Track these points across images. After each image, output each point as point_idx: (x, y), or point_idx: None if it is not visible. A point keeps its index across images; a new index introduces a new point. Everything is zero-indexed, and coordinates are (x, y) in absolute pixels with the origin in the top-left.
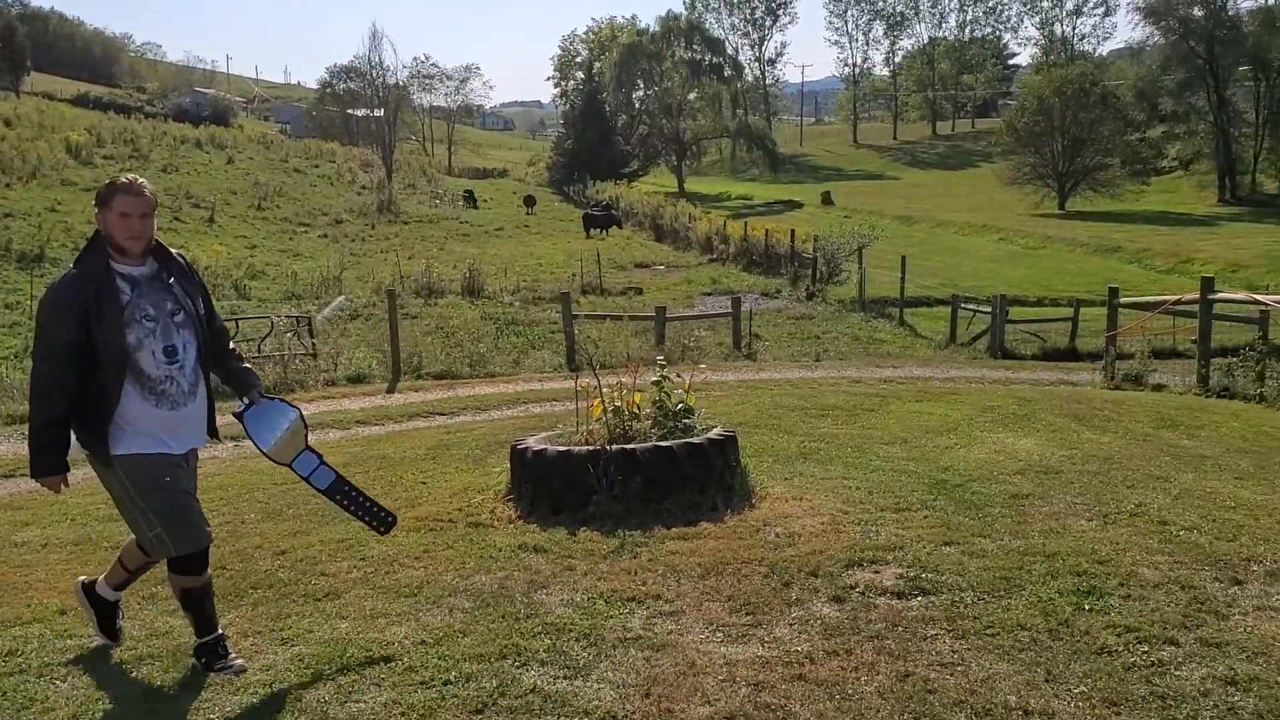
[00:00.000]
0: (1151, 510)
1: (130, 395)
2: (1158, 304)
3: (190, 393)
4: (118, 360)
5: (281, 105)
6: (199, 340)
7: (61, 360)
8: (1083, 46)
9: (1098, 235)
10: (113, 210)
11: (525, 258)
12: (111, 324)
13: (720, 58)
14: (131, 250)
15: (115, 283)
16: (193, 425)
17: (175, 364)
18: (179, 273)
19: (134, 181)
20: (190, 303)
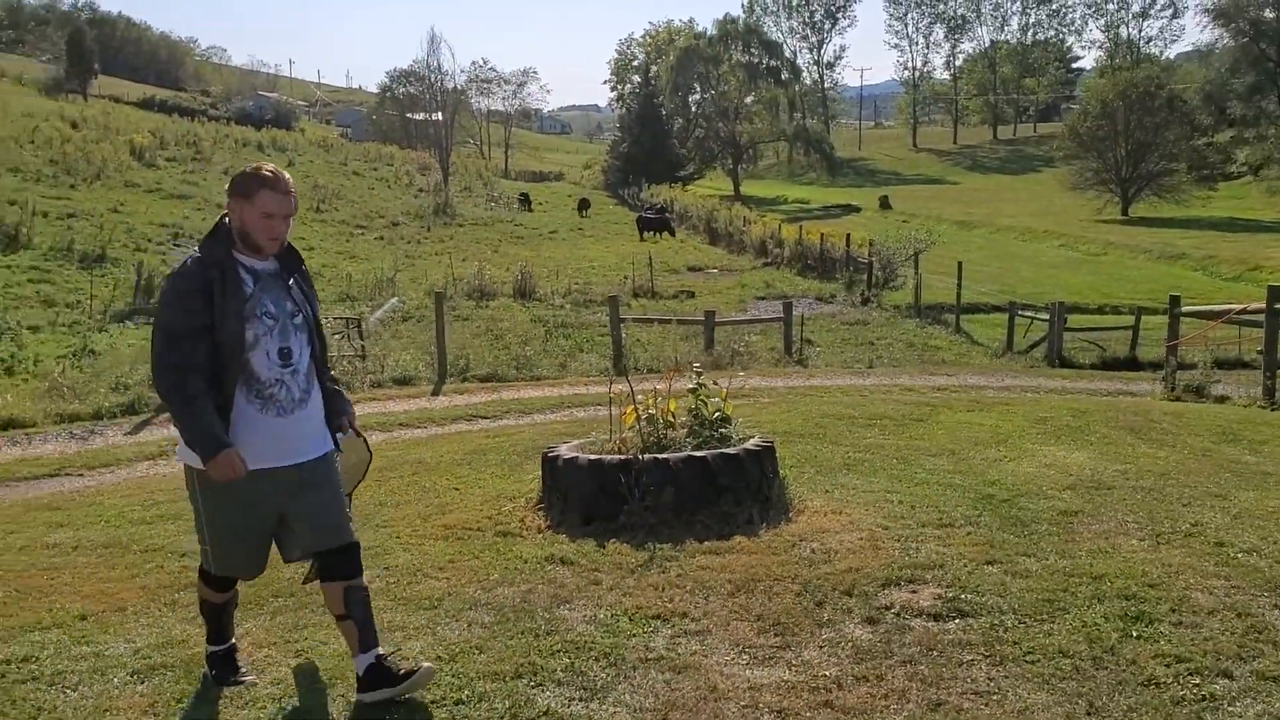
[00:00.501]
0: (1208, 530)
1: (238, 397)
2: (1221, 313)
3: (301, 401)
4: (232, 355)
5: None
6: (315, 345)
7: (188, 344)
8: (1149, 49)
9: (1162, 242)
10: (255, 206)
11: (578, 260)
12: (233, 315)
13: (778, 61)
14: (267, 250)
15: (239, 273)
16: (302, 434)
17: (289, 368)
18: (300, 275)
19: (281, 177)
20: (310, 307)
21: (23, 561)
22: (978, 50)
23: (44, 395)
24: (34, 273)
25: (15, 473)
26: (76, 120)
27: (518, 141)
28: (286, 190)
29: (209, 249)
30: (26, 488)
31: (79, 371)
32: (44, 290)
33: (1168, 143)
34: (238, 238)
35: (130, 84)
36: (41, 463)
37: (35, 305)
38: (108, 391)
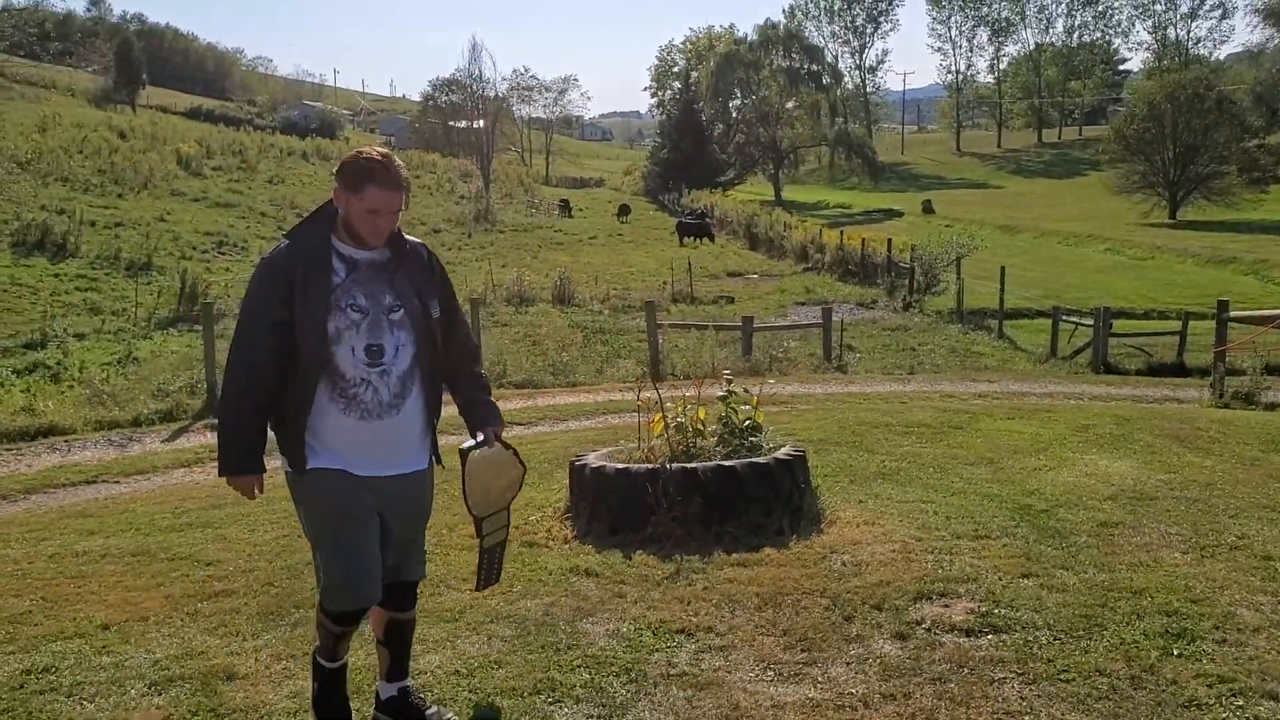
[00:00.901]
0: (1255, 543)
1: (320, 394)
2: (1272, 317)
3: (392, 405)
4: (315, 351)
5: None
6: (422, 346)
7: (261, 343)
8: (1198, 50)
9: (1211, 245)
10: (362, 201)
11: (618, 266)
12: (315, 306)
13: (819, 66)
14: (370, 244)
15: (330, 261)
16: (392, 444)
17: (377, 367)
18: (414, 264)
19: (390, 170)
20: (419, 302)
21: (52, 569)
22: (1022, 53)
23: (86, 402)
24: (81, 281)
25: (54, 480)
26: (124, 130)
27: (559, 148)
28: (396, 185)
29: (302, 234)
30: (64, 494)
31: (123, 379)
32: (91, 298)
33: (1217, 145)
34: (342, 225)
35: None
36: (80, 469)
37: (82, 313)
38: (147, 398)
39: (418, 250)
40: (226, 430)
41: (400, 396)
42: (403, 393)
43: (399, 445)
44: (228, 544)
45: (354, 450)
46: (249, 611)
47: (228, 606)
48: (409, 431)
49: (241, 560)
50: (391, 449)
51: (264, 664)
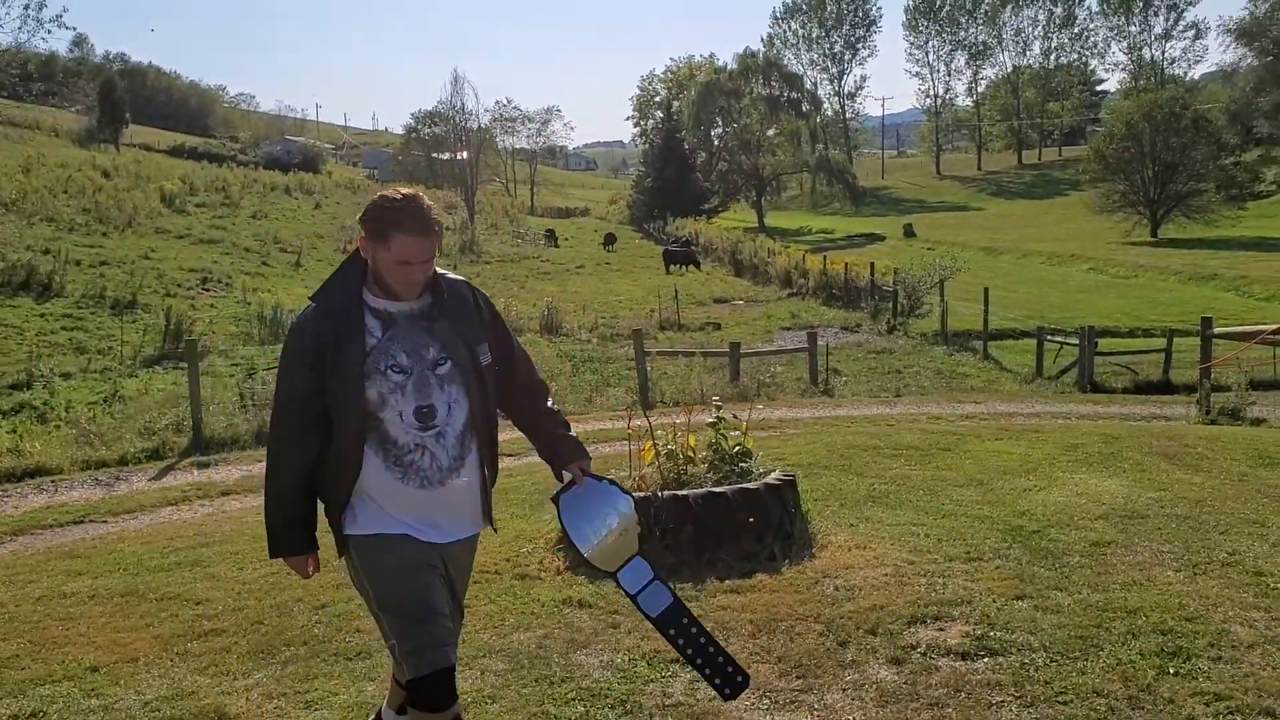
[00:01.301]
0: (1246, 559)
1: (373, 463)
2: (1254, 333)
3: (452, 469)
4: (354, 421)
5: (369, 151)
6: (475, 400)
7: (296, 417)
8: (1173, 70)
9: (1193, 263)
10: (390, 252)
11: (605, 295)
12: (348, 374)
13: (799, 93)
14: (404, 298)
15: (363, 321)
16: (454, 510)
17: (430, 430)
18: (457, 309)
19: (419, 215)
20: (467, 350)
21: (39, 612)
22: (1000, 76)
23: (72, 442)
24: (67, 320)
25: (41, 520)
26: (108, 169)
27: (543, 178)
28: (426, 230)
29: (330, 295)
30: (51, 535)
31: (110, 417)
32: (76, 337)
33: (1195, 163)
34: (372, 277)
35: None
36: (67, 510)
37: (68, 352)
38: (134, 437)
39: (460, 291)
40: (274, 513)
41: (460, 459)
42: (462, 454)
43: (460, 510)
44: (217, 582)
45: (413, 518)
46: (239, 650)
47: (218, 646)
48: (468, 496)
49: (231, 599)
50: (452, 514)
51: (255, 703)
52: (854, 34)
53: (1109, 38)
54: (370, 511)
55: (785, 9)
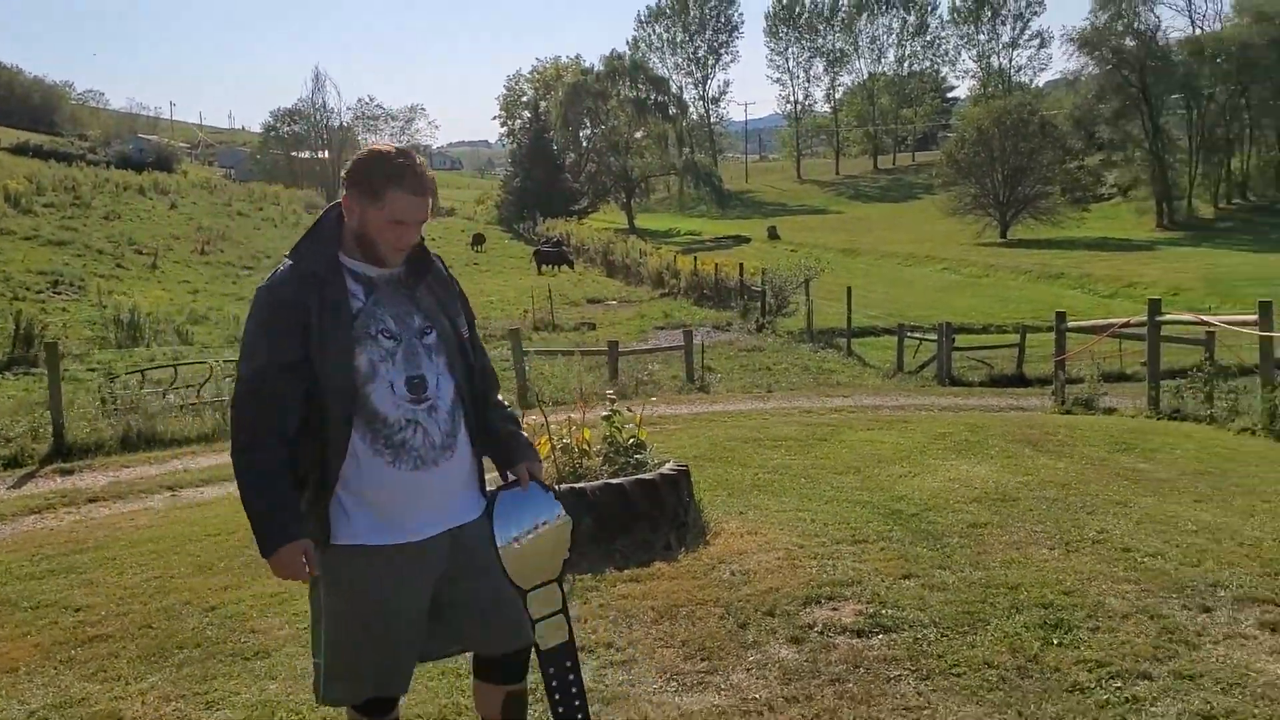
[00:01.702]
0: (1114, 537)
1: (356, 444)
2: (1105, 327)
3: (445, 446)
4: (344, 394)
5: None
6: (459, 373)
7: (275, 389)
8: (1019, 78)
9: (1040, 262)
10: (383, 210)
11: (476, 295)
12: (337, 340)
13: (665, 96)
14: (390, 263)
15: (345, 284)
16: (448, 493)
17: (423, 403)
18: (435, 278)
19: (418, 172)
20: (448, 321)
21: None
22: (856, 83)
23: None
24: None
25: None
26: None
27: None
28: (425, 189)
29: (307, 253)
30: None
31: None
32: None
33: (1042, 167)
34: (352, 239)
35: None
36: None
37: None
38: None
39: (436, 262)
40: (255, 502)
41: (452, 435)
42: (454, 430)
43: (454, 492)
44: (95, 589)
45: (410, 509)
46: (129, 655)
47: (104, 651)
48: (464, 475)
49: (113, 604)
50: (448, 500)
51: (152, 706)
52: (717, 39)
53: (959, 46)
54: (349, 511)
55: (650, 13)
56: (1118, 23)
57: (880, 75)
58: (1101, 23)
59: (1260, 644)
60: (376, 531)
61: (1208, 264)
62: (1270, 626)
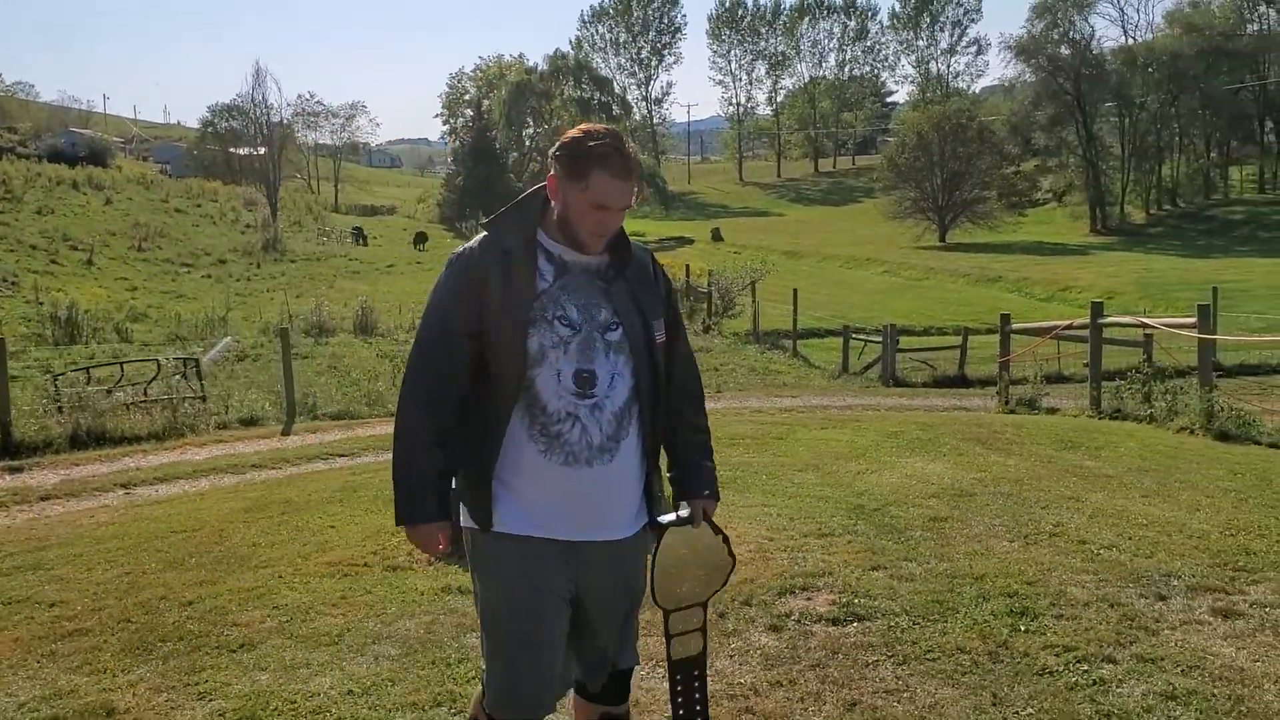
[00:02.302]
0: (1069, 530)
1: (515, 432)
2: (1048, 329)
3: (604, 450)
4: (511, 374)
5: (161, 145)
6: (642, 378)
7: (445, 361)
8: (957, 84)
9: (978, 266)
10: (586, 193)
11: (419, 295)
12: (514, 316)
13: (609, 96)
14: (590, 248)
15: (534, 263)
16: (602, 501)
17: (588, 399)
18: (637, 274)
19: (625, 155)
20: (641, 321)
21: None
22: (798, 86)
23: None
24: None
25: None
26: None
27: (347, 175)
28: (629, 173)
29: (503, 226)
30: None
31: None
32: None
33: (979, 172)
34: (554, 219)
35: None
36: None
37: None
38: None
39: (641, 257)
40: (401, 469)
41: (614, 439)
42: (617, 434)
43: (609, 503)
44: (66, 584)
45: (555, 504)
46: (112, 648)
47: (87, 645)
48: (623, 485)
49: (88, 599)
50: (599, 507)
51: (144, 698)
52: (660, 40)
53: (898, 51)
54: (506, 501)
55: (593, 13)
56: (1053, 31)
57: (821, 79)
58: (1038, 31)
59: (1214, 629)
60: (526, 522)
61: (1140, 268)
62: (1222, 613)
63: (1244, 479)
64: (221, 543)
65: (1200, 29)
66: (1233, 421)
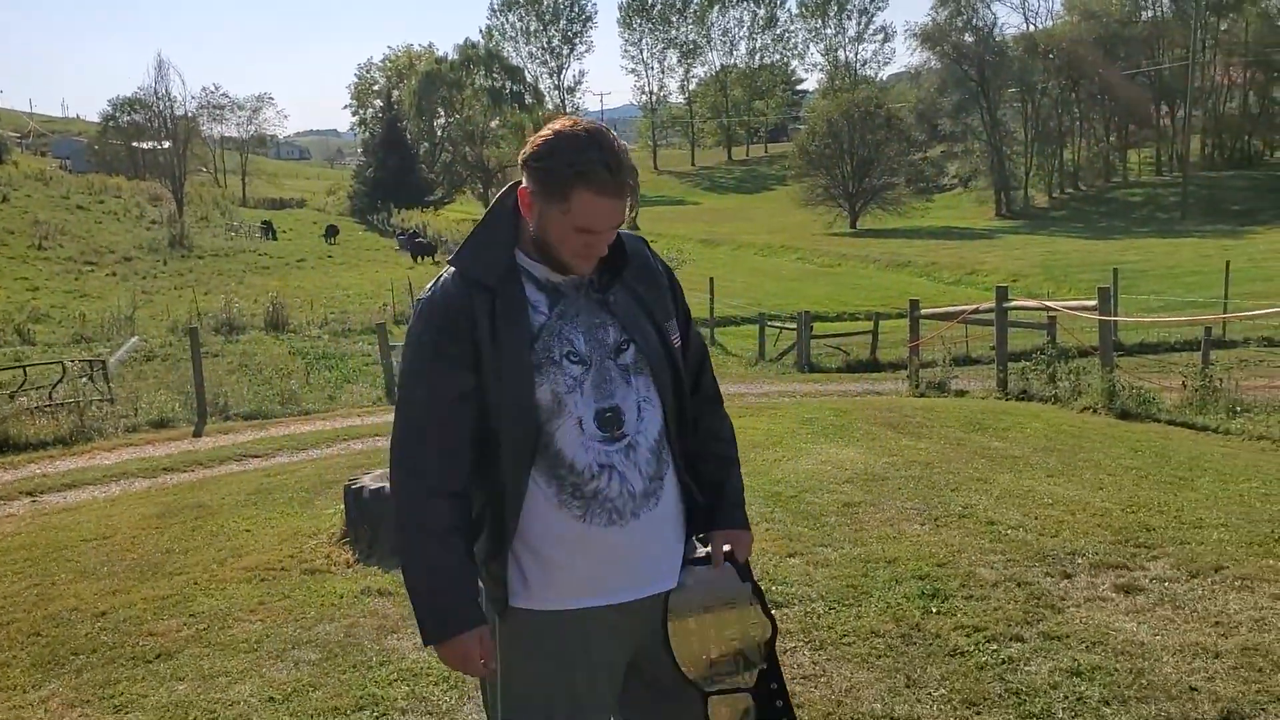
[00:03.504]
0: (978, 511)
1: (540, 500)
2: (956, 313)
3: (648, 495)
4: (522, 433)
5: (60, 139)
6: (668, 396)
7: (435, 430)
8: (865, 71)
9: (889, 251)
10: (569, 216)
11: (331, 289)
12: (515, 367)
13: (520, 86)
14: (575, 271)
15: (523, 294)
16: (651, 550)
17: (618, 442)
18: (638, 275)
19: (618, 161)
20: (654, 329)
21: None
22: (710, 74)
23: None
24: None
25: None
26: None
27: (255, 168)
28: (621, 189)
29: (473, 257)
30: None
31: None
32: None
33: (888, 158)
34: (531, 238)
35: None
36: None
37: None
38: None
39: (640, 251)
40: (416, 574)
41: (657, 479)
42: (659, 472)
43: (662, 551)
44: None
45: (604, 571)
46: (21, 664)
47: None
48: (671, 526)
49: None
50: (651, 556)
51: (56, 714)
52: (571, 29)
53: (808, 39)
54: (536, 572)
55: (503, 2)
56: (957, 19)
57: (732, 68)
58: (942, 19)
59: (1117, 605)
60: (563, 595)
61: (1044, 251)
62: (1124, 589)
63: (1144, 456)
64: (134, 550)
65: (1098, 16)
66: (1133, 400)
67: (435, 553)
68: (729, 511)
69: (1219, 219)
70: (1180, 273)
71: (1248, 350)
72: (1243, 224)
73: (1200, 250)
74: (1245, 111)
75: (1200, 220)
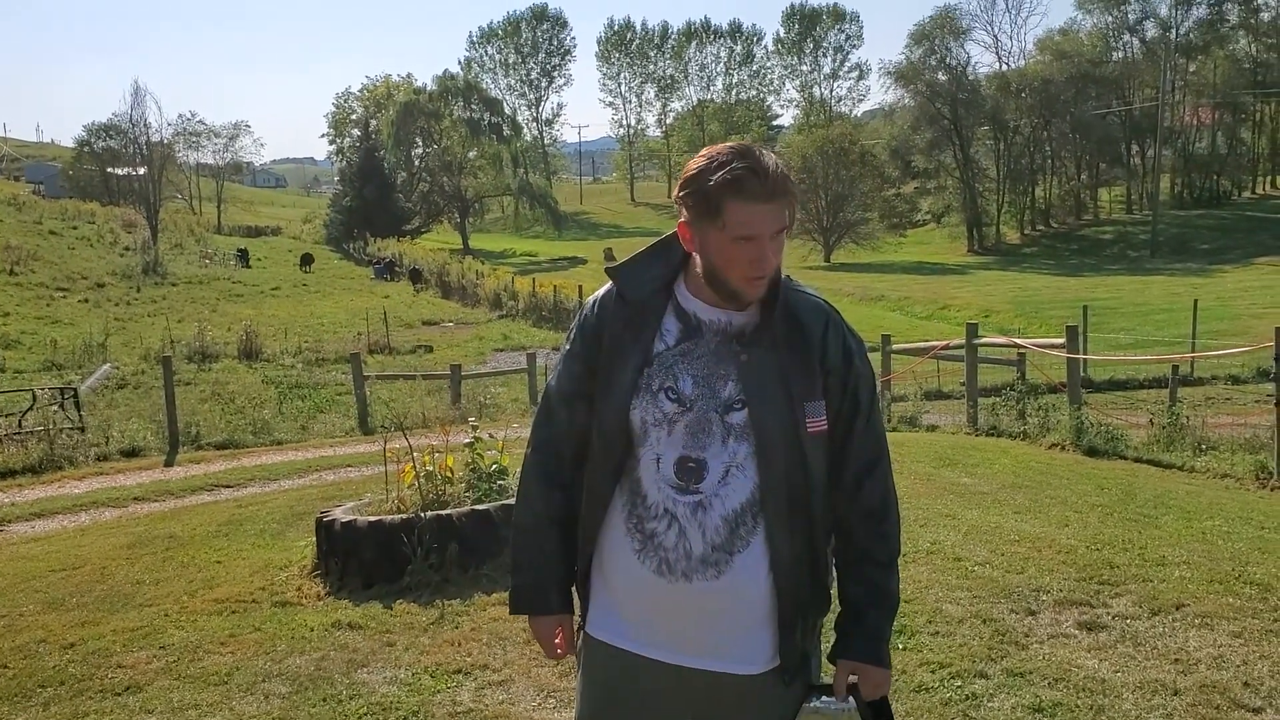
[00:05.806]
0: (945, 547)
1: (615, 519)
2: (927, 349)
3: (708, 563)
4: (612, 449)
5: (33, 164)
6: (772, 476)
7: (561, 419)
8: (840, 108)
9: (862, 285)
10: (725, 223)
11: (305, 318)
12: (618, 383)
13: (499, 117)
14: (746, 297)
15: (660, 318)
16: (709, 623)
17: (689, 495)
18: (790, 337)
19: (763, 169)
20: (784, 400)
21: None
22: (687, 108)
23: None
24: None
25: None
26: None
27: (230, 196)
28: (772, 192)
29: (633, 272)
30: None
31: None
32: None
33: (862, 194)
34: (700, 270)
35: None
36: None
37: None
38: None
39: (806, 313)
40: (517, 547)
41: (726, 550)
42: (730, 545)
43: (718, 627)
44: None
45: (649, 618)
46: None
47: None
48: (739, 609)
49: None
50: (706, 630)
51: None
52: (550, 62)
53: (784, 76)
54: (603, 600)
55: (482, 34)
56: (931, 58)
57: (709, 102)
58: (916, 58)
59: (1080, 642)
60: (617, 631)
61: (1016, 287)
62: (1087, 626)
63: (1110, 494)
64: (104, 581)
65: (1070, 56)
66: (1100, 437)
67: (529, 540)
68: (864, 642)
69: (1188, 257)
70: (1149, 310)
71: (1214, 388)
72: (1211, 262)
73: (1169, 288)
74: (1214, 152)
75: (1169, 258)
